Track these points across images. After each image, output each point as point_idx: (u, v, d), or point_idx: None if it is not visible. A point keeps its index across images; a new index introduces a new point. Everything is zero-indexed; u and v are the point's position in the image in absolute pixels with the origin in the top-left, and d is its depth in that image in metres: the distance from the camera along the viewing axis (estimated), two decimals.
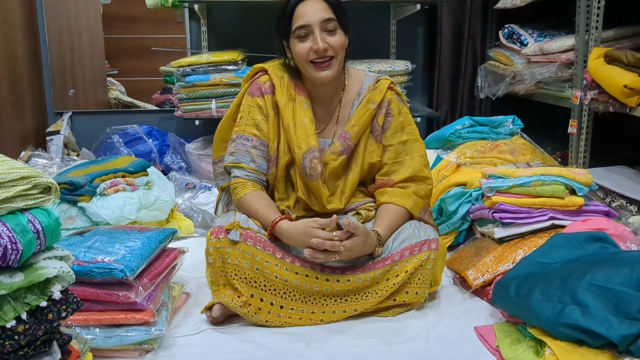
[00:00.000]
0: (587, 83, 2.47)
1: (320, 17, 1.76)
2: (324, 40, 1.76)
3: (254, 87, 1.91)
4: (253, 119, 1.87)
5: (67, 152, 3.37)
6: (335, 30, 1.79)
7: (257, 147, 1.86)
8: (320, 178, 1.83)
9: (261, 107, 1.88)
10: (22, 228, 1.06)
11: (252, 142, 1.86)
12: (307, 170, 1.83)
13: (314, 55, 1.78)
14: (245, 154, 1.85)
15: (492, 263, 1.86)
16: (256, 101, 1.89)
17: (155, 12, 3.59)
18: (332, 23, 1.78)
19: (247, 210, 1.79)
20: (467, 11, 3.59)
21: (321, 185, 1.84)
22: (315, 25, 1.76)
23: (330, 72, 1.80)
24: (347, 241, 1.64)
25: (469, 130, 2.67)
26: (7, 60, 3.12)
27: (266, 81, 1.90)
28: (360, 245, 1.67)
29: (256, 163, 1.86)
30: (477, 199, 2.12)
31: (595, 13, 2.55)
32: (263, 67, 1.94)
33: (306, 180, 1.85)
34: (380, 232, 1.74)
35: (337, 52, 1.79)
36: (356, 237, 1.65)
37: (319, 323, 1.70)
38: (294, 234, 1.67)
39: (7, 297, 1.06)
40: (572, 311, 1.38)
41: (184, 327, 1.68)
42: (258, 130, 1.87)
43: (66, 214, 2.22)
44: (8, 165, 1.10)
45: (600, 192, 2.36)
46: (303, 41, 1.78)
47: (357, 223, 1.66)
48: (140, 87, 3.85)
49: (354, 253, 1.67)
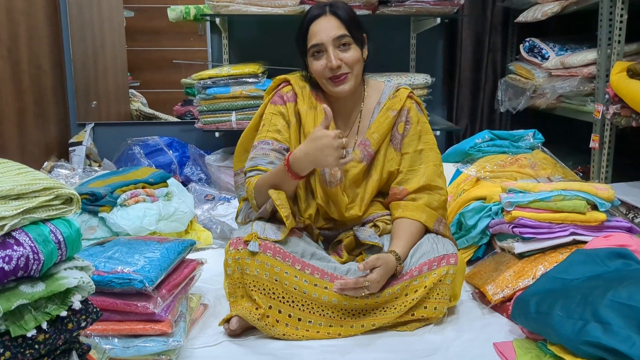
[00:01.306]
0: (609, 97, 2.44)
1: (333, 35, 1.78)
2: (337, 57, 1.78)
3: (277, 97, 1.93)
4: (275, 124, 1.88)
5: (89, 163, 3.41)
6: (349, 46, 1.80)
7: (277, 149, 1.85)
8: (339, 185, 1.84)
9: (283, 114, 1.89)
10: (44, 238, 1.07)
11: (272, 145, 1.85)
12: (327, 177, 1.83)
13: (329, 73, 1.80)
14: (264, 157, 1.84)
15: (512, 278, 1.84)
16: (278, 109, 1.90)
17: (178, 25, 3.64)
18: (345, 39, 1.79)
19: (261, 186, 1.76)
20: (488, 25, 3.59)
21: (340, 192, 1.84)
22: (328, 44, 1.78)
23: (347, 86, 1.82)
24: (371, 275, 1.66)
25: (488, 144, 2.66)
26: (32, 72, 3.18)
27: (289, 90, 1.92)
28: (385, 274, 1.69)
29: (274, 164, 1.83)
30: (497, 214, 2.10)
31: (617, 27, 2.53)
32: (286, 78, 1.96)
33: (325, 187, 1.85)
34: (398, 251, 1.74)
35: (352, 67, 1.80)
36: (378, 268, 1.66)
37: (336, 337, 1.70)
38: (308, 150, 1.65)
39: (28, 307, 1.07)
40: (593, 329, 1.36)
41: (202, 339, 1.68)
42: (279, 135, 1.87)
43: (87, 224, 2.24)
44: (31, 176, 1.12)
45: (622, 208, 2.32)
46: (318, 59, 1.81)
47: (370, 258, 1.67)
48: (161, 99, 3.90)
49: (382, 282, 1.69)
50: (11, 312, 1.04)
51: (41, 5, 3.30)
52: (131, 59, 3.79)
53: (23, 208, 1.05)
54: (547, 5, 2.95)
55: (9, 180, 1.09)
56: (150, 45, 3.81)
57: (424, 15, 3.30)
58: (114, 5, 3.69)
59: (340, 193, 1.85)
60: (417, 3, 3.17)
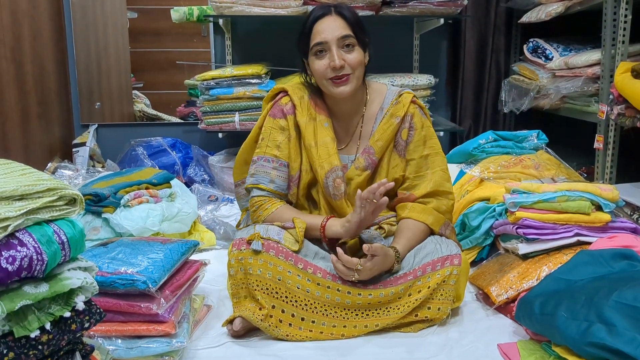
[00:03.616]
0: (613, 98, 2.44)
1: (338, 35, 1.77)
2: (340, 57, 1.77)
3: (276, 109, 1.92)
4: (274, 140, 1.88)
5: (92, 164, 3.42)
6: (353, 47, 1.79)
7: (278, 168, 1.87)
8: (344, 197, 1.84)
9: (283, 128, 1.89)
10: (48, 239, 1.07)
11: (272, 164, 1.87)
12: (331, 189, 1.83)
13: (331, 73, 1.79)
14: (265, 175, 1.86)
15: (515, 279, 1.84)
16: (278, 123, 1.90)
17: (181, 26, 3.64)
18: (350, 40, 1.78)
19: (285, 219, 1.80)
20: (491, 25, 3.58)
21: (345, 205, 1.84)
22: (332, 43, 1.77)
23: (348, 87, 1.81)
24: (365, 261, 1.66)
25: (492, 144, 2.65)
26: (35, 73, 3.19)
27: (287, 102, 1.91)
28: (379, 265, 1.68)
29: (275, 184, 1.86)
30: (501, 214, 2.10)
31: (621, 27, 2.52)
32: (283, 88, 1.95)
33: (330, 200, 1.85)
34: (399, 249, 1.74)
35: (354, 68, 1.80)
36: (376, 257, 1.66)
37: (340, 338, 1.69)
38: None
39: (31, 307, 1.07)
40: (598, 330, 1.35)
41: (205, 340, 1.68)
42: (279, 151, 1.87)
43: (90, 225, 2.24)
44: (35, 177, 1.12)
45: (627, 209, 2.32)
46: (320, 58, 1.80)
47: (376, 244, 1.67)
48: (164, 100, 3.91)
49: (373, 272, 1.69)
50: (15, 312, 1.04)
51: (45, 7, 3.31)
52: (134, 60, 3.79)
53: (27, 209, 1.05)
54: (551, 5, 2.95)
55: (12, 180, 1.09)
56: (153, 46, 3.81)
57: (428, 16, 3.29)
58: (118, 6, 3.70)
59: (345, 205, 1.85)
60: (421, 4, 3.17)
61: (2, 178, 1.10)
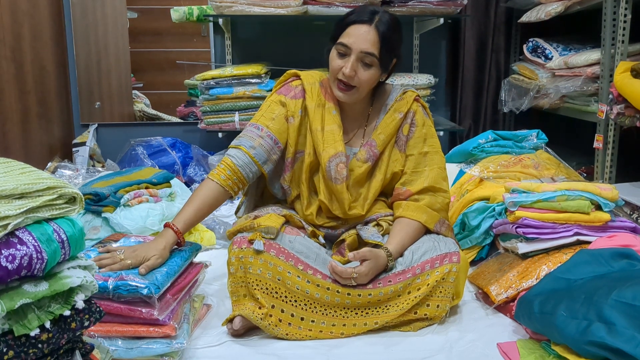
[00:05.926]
0: (613, 97, 2.44)
1: (363, 48, 1.75)
2: (354, 69, 1.77)
3: (285, 88, 1.93)
4: (272, 112, 1.88)
5: (92, 164, 3.42)
6: (370, 67, 1.78)
7: (264, 137, 1.85)
8: (345, 182, 1.84)
9: (284, 104, 1.89)
10: (48, 237, 1.07)
11: (261, 132, 1.85)
12: (333, 173, 1.83)
13: (340, 75, 1.79)
14: (249, 140, 1.84)
15: (515, 279, 1.84)
16: (280, 98, 1.90)
17: (181, 26, 3.65)
18: (370, 59, 1.76)
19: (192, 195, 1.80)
20: (491, 25, 3.59)
21: (345, 190, 1.84)
22: (354, 52, 1.76)
23: (347, 97, 1.82)
24: (360, 268, 1.67)
25: (492, 144, 2.65)
26: (36, 73, 3.19)
27: (298, 85, 1.92)
28: (373, 267, 1.70)
29: (255, 150, 1.83)
30: (500, 214, 2.10)
31: (621, 27, 2.52)
32: (296, 73, 1.96)
33: (330, 184, 1.85)
34: (390, 248, 1.75)
35: (362, 85, 1.80)
36: (368, 261, 1.68)
37: (339, 336, 1.70)
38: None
39: (31, 306, 1.07)
40: (598, 329, 1.35)
41: (205, 339, 1.68)
42: (271, 123, 1.86)
43: (90, 224, 2.24)
44: (35, 175, 1.12)
45: (626, 208, 2.32)
46: (339, 57, 1.79)
47: (362, 249, 1.69)
48: (164, 99, 3.91)
49: (370, 275, 1.70)
50: (14, 311, 1.04)
51: (45, 6, 3.31)
52: (134, 60, 3.80)
53: (26, 207, 1.05)
54: (551, 5, 2.95)
55: (12, 179, 1.09)
56: (153, 46, 3.82)
57: (427, 16, 3.30)
58: (118, 6, 3.70)
59: (345, 190, 1.85)
60: (420, 3, 3.17)
61: (2, 177, 1.10)
